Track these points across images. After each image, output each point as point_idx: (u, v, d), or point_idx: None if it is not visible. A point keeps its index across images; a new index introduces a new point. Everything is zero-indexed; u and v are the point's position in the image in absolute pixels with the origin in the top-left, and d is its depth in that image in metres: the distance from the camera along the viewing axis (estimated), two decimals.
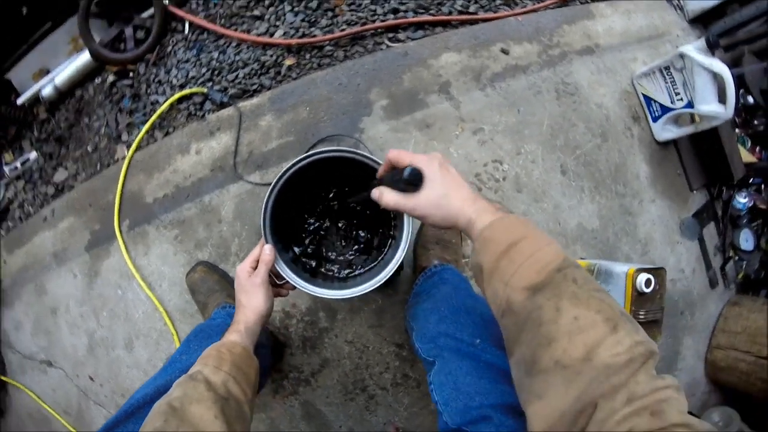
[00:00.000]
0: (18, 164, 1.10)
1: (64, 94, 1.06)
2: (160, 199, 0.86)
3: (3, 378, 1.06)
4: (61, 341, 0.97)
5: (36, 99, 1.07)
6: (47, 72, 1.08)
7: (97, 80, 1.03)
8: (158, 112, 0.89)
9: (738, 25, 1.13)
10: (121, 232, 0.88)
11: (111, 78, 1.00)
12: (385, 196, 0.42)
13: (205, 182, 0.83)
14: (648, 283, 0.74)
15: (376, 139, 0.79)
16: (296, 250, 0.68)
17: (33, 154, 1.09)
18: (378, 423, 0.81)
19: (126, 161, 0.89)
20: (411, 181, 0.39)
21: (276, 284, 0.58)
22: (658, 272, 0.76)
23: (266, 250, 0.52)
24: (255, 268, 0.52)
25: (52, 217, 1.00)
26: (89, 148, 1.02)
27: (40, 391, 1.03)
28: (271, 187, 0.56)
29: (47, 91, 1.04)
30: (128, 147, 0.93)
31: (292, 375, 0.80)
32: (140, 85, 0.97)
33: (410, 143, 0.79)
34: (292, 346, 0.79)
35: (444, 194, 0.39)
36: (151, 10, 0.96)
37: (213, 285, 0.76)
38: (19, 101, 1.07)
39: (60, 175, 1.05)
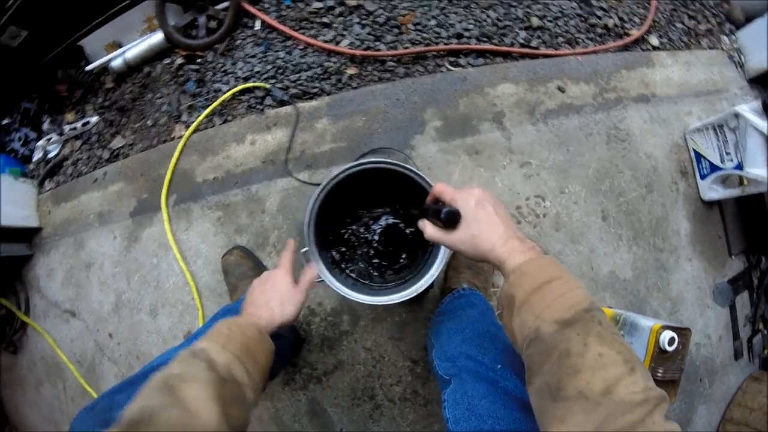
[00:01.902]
0: (78, 125, 1.18)
1: (133, 68, 1.14)
2: (210, 181, 0.91)
3: (25, 318, 1.12)
4: (89, 295, 1.03)
5: (105, 68, 1.16)
6: (119, 46, 1.17)
7: (166, 61, 1.11)
8: (221, 99, 0.95)
9: None
10: (167, 205, 0.94)
11: (179, 61, 1.08)
12: (428, 229, 0.47)
13: (255, 172, 0.88)
14: (671, 341, 0.74)
15: (425, 158, 0.82)
16: (333, 253, 0.72)
17: (94, 119, 1.18)
18: None
19: (183, 140, 0.96)
20: (447, 221, 0.43)
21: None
22: (683, 332, 0.76)
23: (312, 270, 0.55)
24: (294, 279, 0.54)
25: (103, 180, 1.07)
26: (149, 122, 1.09)
27: (58, 339, 1.08)
28: (322, 186, 0.60)
29: (117, 63, 1.12)
30: (186, 127, 0.99)
31: (305, 371, 0.83)
32: (206, 72, 1.04)
33: (458, 167, 0.81)
34: (310, 343, 0.82)
35: (477, 234, 0.42)
36: (225, 3, 1.04)
37: (247, 270, 0.80)
38: (89, 67, 1.16)
39: (117, 142, 1.12)
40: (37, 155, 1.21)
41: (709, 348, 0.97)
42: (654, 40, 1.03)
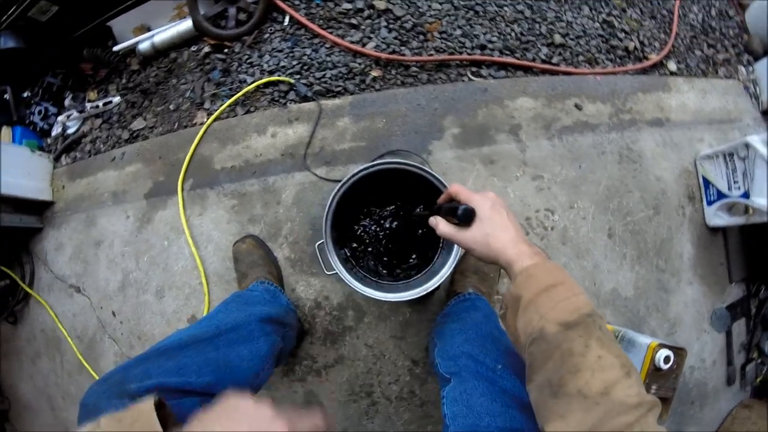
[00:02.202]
0: (100, 104, 1.21)
1: (160, 52, 1.16)
2: (228, 169, 0.93)
3: (28, 290, 1.14)
4: (96, 272, 1.04)
5: (131, 51, 1.18)
6: (147, 29, 1.19)
7: (193, 48, 1.13)
8: (245, 90, 0.97)
9: None
10: (182, 189, 0.96)
11: (206, 49, 1.10)
12: (441, 225, 0.49)
13: (274, 164, 0.90)
14: (667, 360, 0.76)
15: (441, 164, 0.84)
16: (345, 250, 0.74)
17: (117, 99, 1.20)
18: (373, 430, 0.84)
19: (204, 127, 0.98)
20: (463, 218, 0.45)
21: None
22: (679, 352, 0.78)
23: (315, 420, 0.36)
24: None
25: (121, 160, 1.09)
26: (171, 107, 1.11)
27: (60, 313, 1.09)
28: (343, 181, 0.62)
29: (144, 46, 1.15)
30: (209, 114, 1.02)
31: (305, 363, 0.84)
32: (232, 62, 1.06)
33: (472, 174, 0.84)
34: (313, 336, 0.84)
35: (489, 234, 0.44)
36: None
37: (257, 259, 0.82)
38: (116, 48, 1.18)
39: (137, 124, 1.14)
40: (56, 130, 1.23)
41: (702, 372, 0.99)
42: (672, 66, 1.06)
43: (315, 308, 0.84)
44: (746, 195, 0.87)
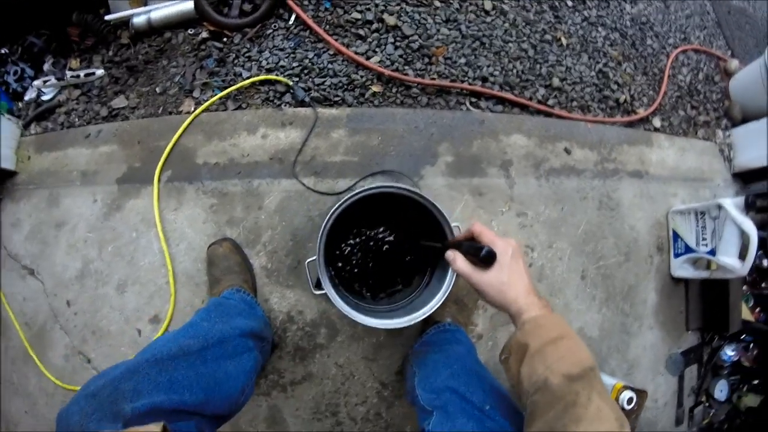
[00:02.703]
0: (82, 74, 1.13)
1: (154, 30, 1.10)
2: (210, 165, 0.90)
3: None
4: (53, 256, 0.97)
5: (124, 22, 1.12)
6: (144, 3, 1.13)
7: (190, 31, 1.08)
8: (240, 84, 0.94)
9: None
10: (159, 179, 0.91)
11: (204, 35, 1.06)
12: (458, 262, 0.49)
13: (261, 167, 0.87)
14: (630, 401, 0.81)
15: (432, 189, 0.85)
16: (330, 268, 0.73)
17: (100, 71, 1.13)
18: None
19: (191, 116, 0.94)
20: (485, 260, 0.46)
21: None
22: (641, 394, 0.83)
23: None
24: None
25: (96, 138, 1.03)
26: (157, 89, 1.06)
27: (9, 294, 1.01)
28: (344, 199, 0.61)
29: (139, 21, 1.08)
30: (197, 104, 0.98)
31: (271, 377, 0.82)
32: (229, 53, 1.02)
33: (460, 204, 0.85)
34: (282, 350, 0.82)
35: (506, 282, 0.46)
36: None
37: (233, 265, 0.79)
38: (108, 17, 1.11)
39: (119, 102, 1.08)
40: (30, 95, 1.14)
41: (654, 411, 1.05)
42: (657, 122, 1.12)
43: (287, 322, 0.83)
44: (713, 252, 0.94)
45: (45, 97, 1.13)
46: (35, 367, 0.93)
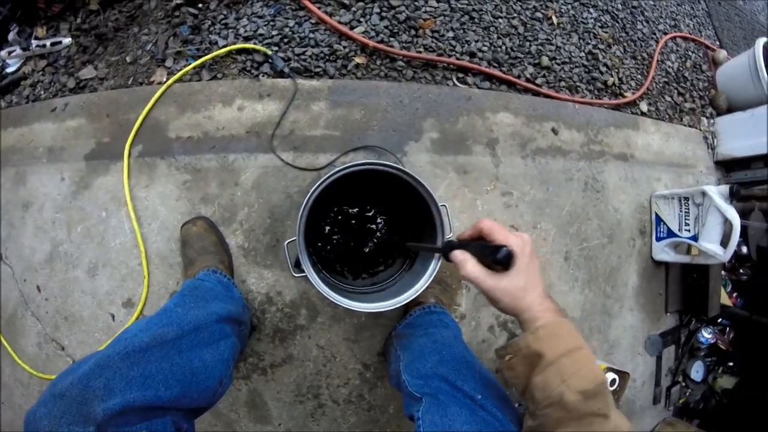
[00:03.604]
0: (48, 43, 1.04)
1: None
2: (184, 140, 0.84)
3: None
4: (20, 238, 0.92)
5: None
6: None
7: None
8: (215, 53, 0.88)
9: (757, 181, 1.25)
10: (129, 155, 0.85)
11: (178, 0, 0.98)
12: (469, 266, 0.43)
13: (237, 141, 0.82)
14: (613, 382, 0.82)
15: (415, 166, 0.82)
16: (310, 248, 0.69)
17: (67, 40, 1.04)
18: None
19: (163, 87, 0.87)
20: (502, 262, 0.40)
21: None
22: (623, 375, 0.84)
23: None
24: None
25: (63, 111, 0.96)
26: (128, 59, 0.99)
27: None
28: (325, 177, 0.57)
29: None
30: (170, 74, 0.91)
31: (250, 360, 0.80)
32: (205, 20, 0.95)
33: (444, 182, 0.82)
34: (261, 332, 0.79)
35: (524, 287, 0.41)
36: None
37: (208, 245, 0.75)
38: None
39: (87, 72, 1.00)
40: None
41: (633, 390, 1.07)
42: (644, 107, 1.11)
43: (266, 303, 0.79)
44: (695, 238, 0.94)
45: (9, 69, 1.05)
46: (8, 356, 0.89)
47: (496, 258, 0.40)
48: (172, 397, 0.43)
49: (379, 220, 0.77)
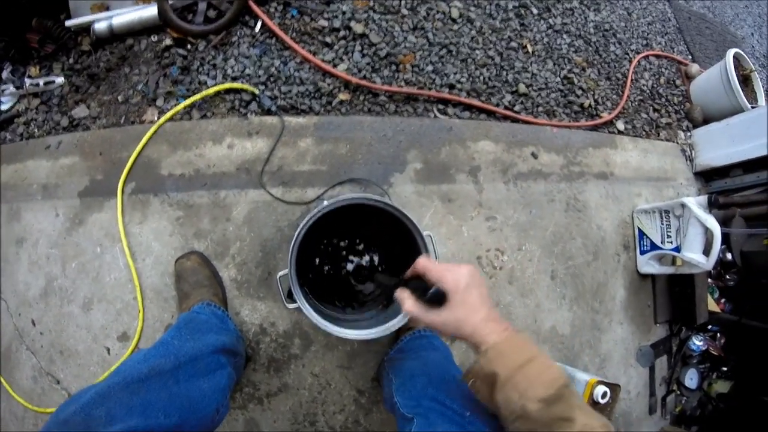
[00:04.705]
0: (41, 82, 1.10)
1: (116, 36, 1.08)
2: (176, 177, 0.90)
3: None
4: (15, 274, 0.95)
5: (85, 29, 1.09)
6: (106, 8, 1.11)
7: (153, 38, 1.07)
8: (205, 92, 0.94)
9: (737, 188, 1.32)
10: (123, 192, 0.90)
11: (168, 42, 1.05)
12: (407, 303, 0.48)
13: (228, 178, 0.88)
14: (604, 395, 0.85)
15: (401, 197, 0.87)
16: (301, 280, 0.74)
17: (60, 79, 1.10)
18: None
19: (155, 126, 0.93)
20: (432, 302, 0.45)
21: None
22: (614, 388, 0.88)
23: None
24: None
25: (57, 149, 1.00)
26: (120, 98, 1.04)
27: None
28: (317, 210, 0.62)
29: (100, 27, 1.06)
30: (160, 113, 0.97)
31: (246, 390, 0.83)
32: (193, 61, 1.02)
33: (430, 210, 0.87)
34: (256, 362, 0.83)
35: (461, 319, 0.44)
36: None
37: (203, 279, 0.80)
38: (68, 23, 1.08)
39: (80, 111, 1.06)
40: None
41: (628, 402, 1.10)
42: (620, 125, 1.18)
43: (260, 334, 0.83)
44: (677, 249, 0.99)
45: (3, 107, 1.10)
46: (3, 390, 0.92)
47: (427, 298, 0.45)
48: (172, 425, 0.46)
49: (367, 251, 0.82)
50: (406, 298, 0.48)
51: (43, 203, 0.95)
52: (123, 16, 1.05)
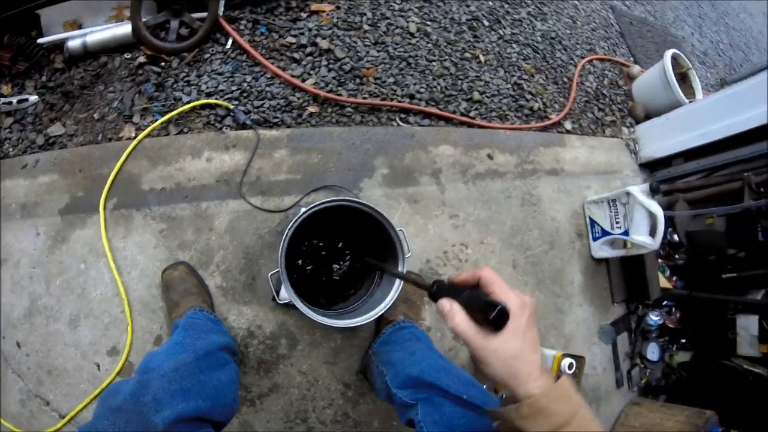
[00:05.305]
0: (14, 100, 1.10)
1: (90, 54, 1.10)
2: (157, 191, 0.95)
3: None
4: None
5: (58, 46, 1.11)
6: (79, 26, 1.14)
7: (127, 55, 1.11)
8: (181, 109, 1.00)
9: (679, 176, 1.49)
10: (105, 208, 0.93)
11: (141, 59, 1.09)
12: (457, 318, 0.39)
13: (208, 190, 0.94)
14: (570, 366, 0.96)
15: (371, 200, 0.97)
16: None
17: (33, 97, 1.11)
18: None
19: (134, 143, 0.98)
20: (495, 322, 0.37)
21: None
22: (579, 359, 0.99)
23: None
24: None
25: (34, 168, 1.02)
26: (95, 116, 1.08)
27: None
28: (302, 212, 0.69)
29: (74, 44, 1.07)
30: (138, 129, 1.02)
31: (239, 393, 0.89)
32: (168, 78, 1.07)
33: (398, 212, 0.98)
34: (246, 365, 0.89)
35: (518, 355, 0.37)
36: (203, 14, 1.09)
37: (191, 287, 0.85)
38: (41, 40, 1.09)
39: (56, 129, 1.09)
40: None
41: (595, 378, 1.23)
42: (568, 125, 1.33)
43: (248, 337, 0.90)
44: (626, 233, 1.13)
45: None
46: None
47: (488, 316, 0.37)
48: (207, 409, 0.51)
49: (346, 250, 0.91)
50: (455, 312, 0.39)
51: (22, 222, 0.97)
52: (97, 34, 1.06)
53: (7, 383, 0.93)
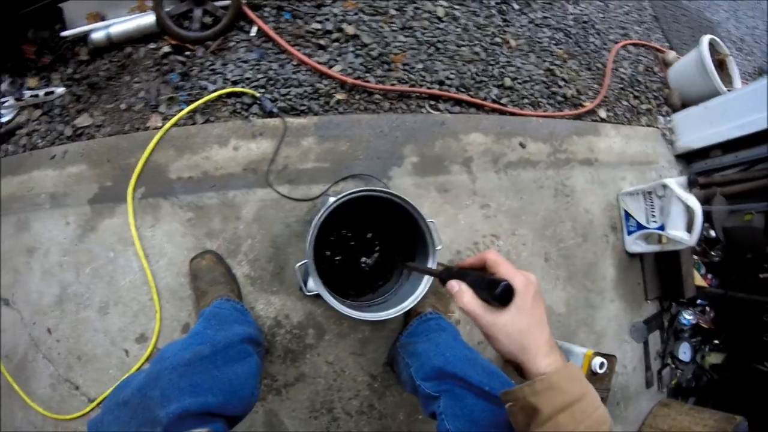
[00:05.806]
0: (41, 93, 1.13)
1: (115, 45, 1.12)
2: (185, 180, 0.96)
3: None
4: (27, 283, 0.99)
5: (82, 38, 1.13)
6: (102, 18, 1.16)
7: (151, 45, 1.13)
8: (207, 98, 1.01)
9: (716, 168, 1.43)
10: (133, 197, 0.95)
11: (166, 49, 1.11)
12: (465, 297, 0.41)
13: (235, 179, 0.95)
14: (602, 365, 0.94)
15: (400, 189, 0.96)
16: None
17: (60, 89, 1.14)
18: None
19: (161, 132, 0.99)
20: (501, 298, 0.39)
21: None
22: (610, 358, 0.97)
23: None
24: None
25: (62, 158, 1.04)
26: (122, 106, 1.10)
27: None
28: (330, 203, 0.69)
29: (98, 36, 1.09)
30: (164, 119, 1.03)
31: (265, 381, 0.90)
32: (192, 67, 1.08)
33: (427, 201, 0.96)
34: (273, 355, 0.90)
35: (526, 330, 0.39)
36: (226, 2, 1.09)
37: (218, 276, 0.86)
38: (65, 33, 1.12)
39: (83, 120, 1.11)
40: None
41: (625, 376, 1.20)
42: (602, 113, 1.29)
43: (275, 327, 0.91)
44: (662, 228, 1.10)
45: (4, 119, 1.14)
46: (20, 400, 0.95)
47: (494, 293, 0.39)
48: (218, 404, 0.52)
49: (375, 241, 0.90)
50: (463, 292, 0.42)
51: (51, 212, 1.00)
52: (121, 25, 1.08)
53: (37, 368, 0.96)
